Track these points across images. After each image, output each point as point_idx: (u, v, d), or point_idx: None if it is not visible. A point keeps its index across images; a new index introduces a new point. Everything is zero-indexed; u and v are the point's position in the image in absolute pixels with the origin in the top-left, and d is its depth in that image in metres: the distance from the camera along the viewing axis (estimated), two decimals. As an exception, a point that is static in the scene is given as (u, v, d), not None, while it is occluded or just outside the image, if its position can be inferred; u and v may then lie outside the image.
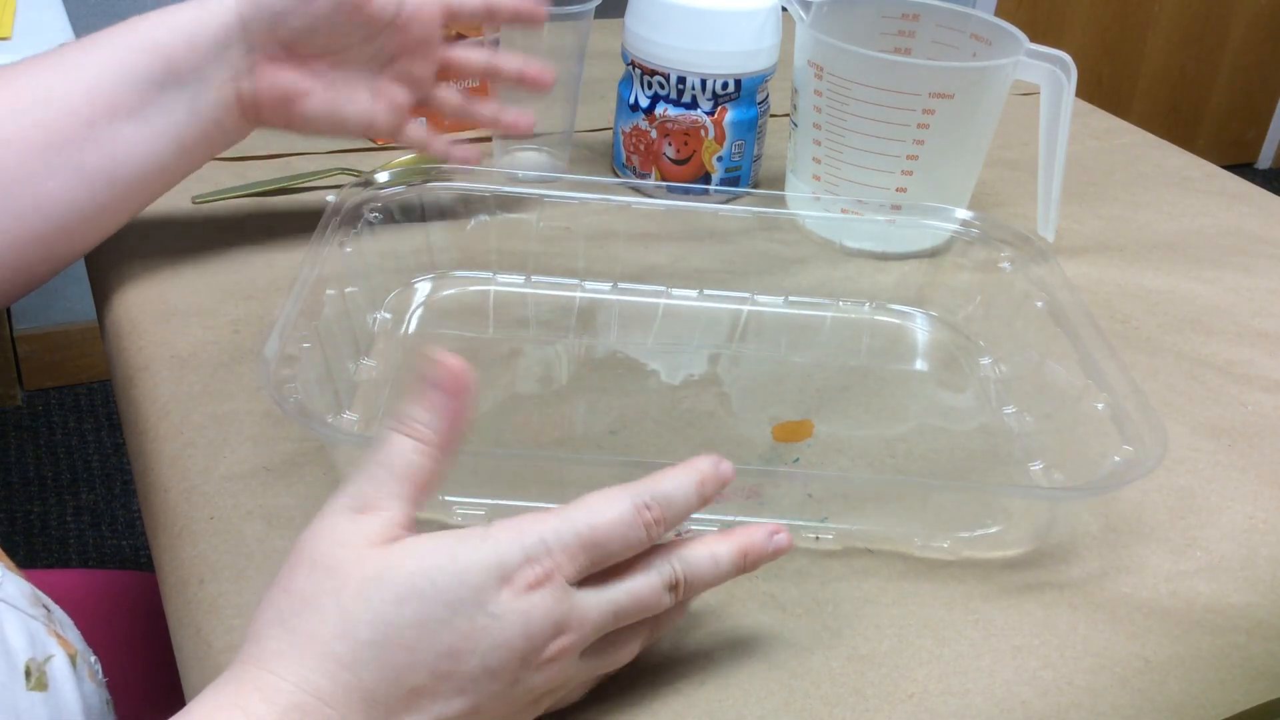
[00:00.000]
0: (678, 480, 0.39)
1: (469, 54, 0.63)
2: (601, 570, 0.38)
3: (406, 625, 0.35)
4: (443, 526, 0.48)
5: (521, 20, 0.63)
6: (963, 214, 0.64)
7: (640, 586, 0.38)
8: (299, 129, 0.61)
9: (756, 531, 0.41)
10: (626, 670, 0.42)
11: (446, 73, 0.64)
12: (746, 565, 0.40)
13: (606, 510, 0.38)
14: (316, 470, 0.50)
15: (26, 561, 1.55)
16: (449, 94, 0.64)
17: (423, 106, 0.64)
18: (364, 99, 0.60)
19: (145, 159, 0.57)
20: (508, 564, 0.36)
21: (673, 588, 0.39)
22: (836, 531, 0.49)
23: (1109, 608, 0.47)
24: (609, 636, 0.39)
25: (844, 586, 0.47)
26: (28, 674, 0.43)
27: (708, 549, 0.40)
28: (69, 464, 1.70)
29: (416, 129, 0.64)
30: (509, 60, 0.63)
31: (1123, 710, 0.43)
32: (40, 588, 0.49)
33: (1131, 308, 0.69)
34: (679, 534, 0.41)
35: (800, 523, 0.49)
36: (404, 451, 0.38)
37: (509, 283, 0.65)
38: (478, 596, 0.35)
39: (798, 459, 0.54)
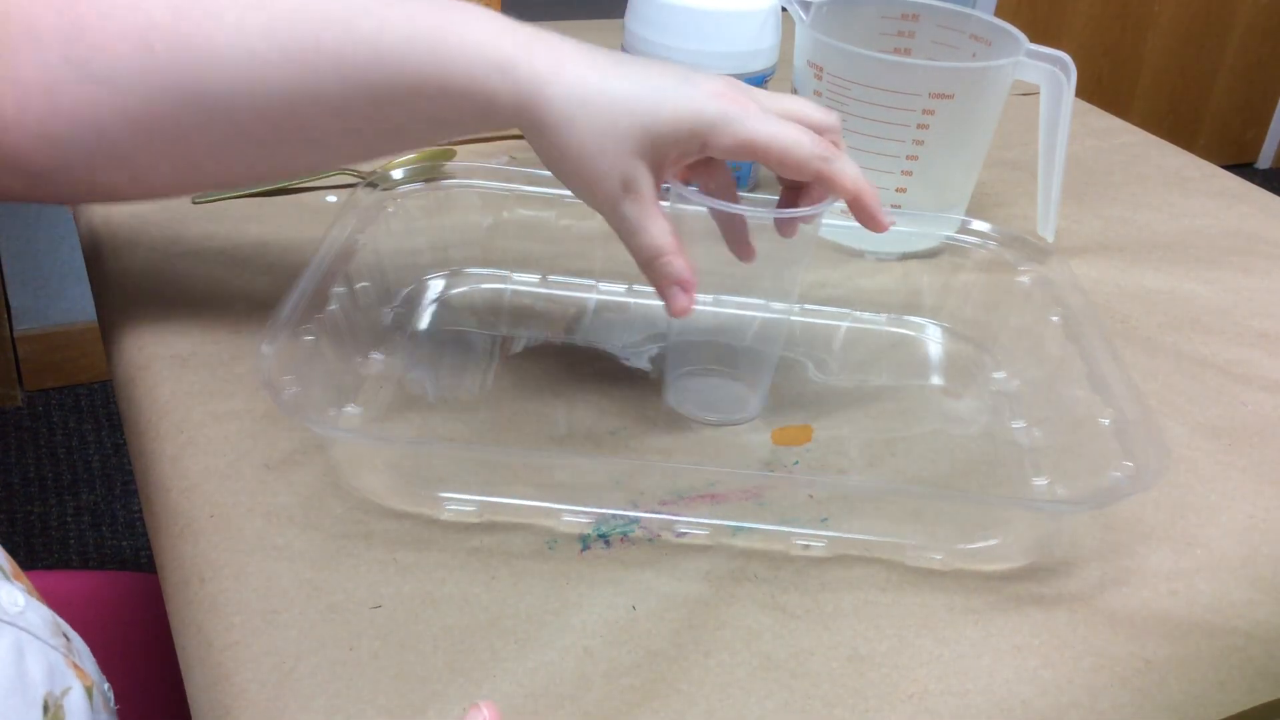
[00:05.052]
0: None
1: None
2: None
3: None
4: (433, 522, 0.48)
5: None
6: (962, 219, 0.64)
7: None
8: None
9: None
10: (626, 669, 0.42)
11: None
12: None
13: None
14: (317, 468, 0.50)
15: (27, 563, 1.55)
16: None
17: None
18: None
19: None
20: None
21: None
22: (830, 539, 0.49)
23: (1109, 608, 0.48)
24: None
25: (844, 587, 0.47)
26: (45, 708, 0.41)
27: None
28: (69, 464, 1.70)
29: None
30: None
31: (1123, 710, 0.43)
32: (40, 589, 0.48)
33: (1131, 308, 0.69)
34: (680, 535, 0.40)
35: (794, 529, 0.49)
36: None
37: (523, 281, 0.65)
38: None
39: (797, 461, 0.54)
